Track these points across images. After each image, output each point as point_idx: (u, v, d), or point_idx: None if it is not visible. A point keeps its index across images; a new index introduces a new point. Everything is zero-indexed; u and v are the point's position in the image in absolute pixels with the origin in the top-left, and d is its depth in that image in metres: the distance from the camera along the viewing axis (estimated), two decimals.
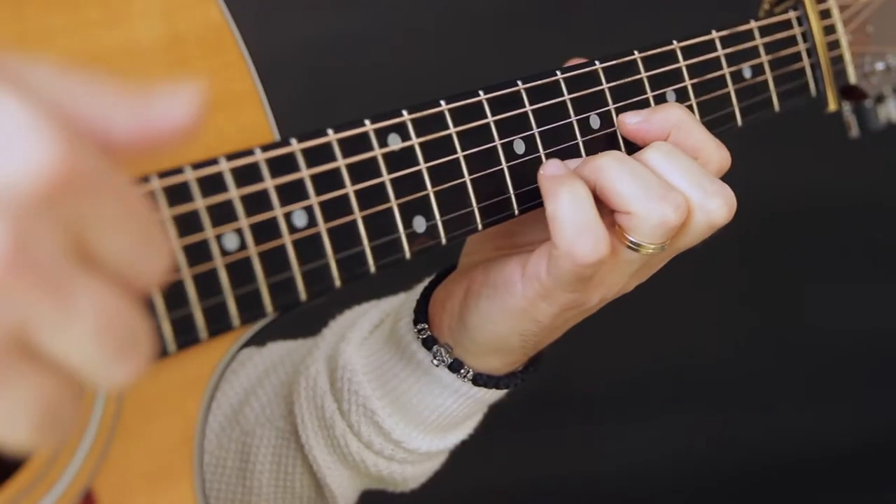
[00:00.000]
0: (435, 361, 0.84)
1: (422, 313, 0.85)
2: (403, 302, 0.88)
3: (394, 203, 0.71)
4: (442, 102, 0.74)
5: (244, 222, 0.65)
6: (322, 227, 0.68)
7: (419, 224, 0.72)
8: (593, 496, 2.10)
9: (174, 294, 0.62)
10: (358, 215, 0.69)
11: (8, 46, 0.62)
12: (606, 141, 0.80)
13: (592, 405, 2.09)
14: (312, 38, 1.88)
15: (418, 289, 0.88)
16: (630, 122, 0.80)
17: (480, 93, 0.76)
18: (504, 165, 0.76)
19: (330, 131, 0.69)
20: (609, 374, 2.06)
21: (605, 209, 0.76)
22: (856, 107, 0.98)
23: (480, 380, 0.84)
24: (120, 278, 0.48)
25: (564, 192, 0.74)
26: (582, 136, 0.79)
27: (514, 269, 0.79)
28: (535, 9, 2.01)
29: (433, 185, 0.73)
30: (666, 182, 0.76)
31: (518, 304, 0.79)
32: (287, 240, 0.66)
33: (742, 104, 0.88)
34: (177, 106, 0.49)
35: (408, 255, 0.71)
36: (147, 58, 0.66)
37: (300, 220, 0.67)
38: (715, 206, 0.77)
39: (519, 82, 0.77)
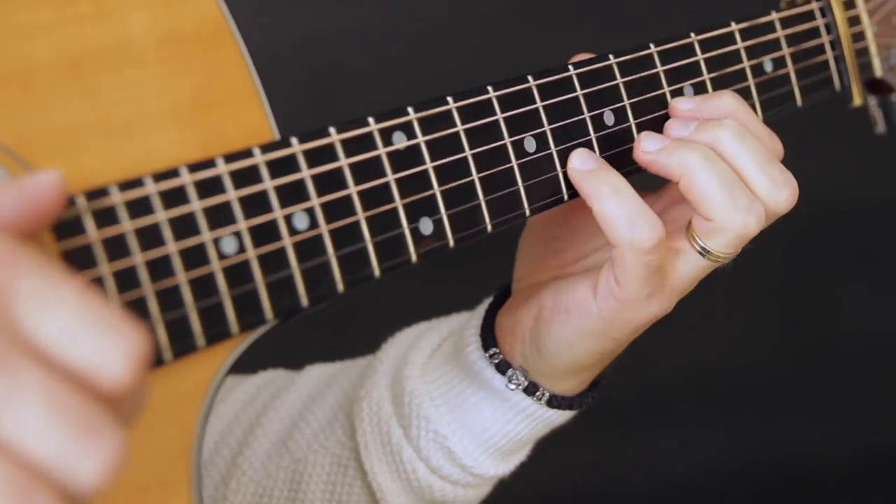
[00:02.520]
0: (511, 385, 0.85)
1: (489, 338, 0.86)
2: (464, 325, 0.89)
3: (399, 204, 0.71)
4: (449, 99, 0.74)
5: (243, 225, 0.65)
6: (324, 229, 0.68)
7: (425, 225, 0.72)
8: None
9: (170, 299, 0.62)
10: (361, 217, 0.69)
11: None
12: (621, 138, 0.80)
13: (611, 413, 2.08)
14: (314, 32, 1.88)
15: (476, 312, 0.89)
16: (683, 108, 0.82)
17: (489, 89, 0.75)
18: (514, 164, 0.76)
19: (332, 130, 0.69)
20: (627, 382, 2.06)
21: (678, 205, 0.80)
22: (882, 101, 0.98)
23: (555, 402, 0.86)
24: (63, 363, 0.48)
25: (605, 188, 0.76)
26: (595, 132, 0.79)
27: (586, 291, 0.80)
28: (547, 1, 2.01)
29: (440, 185, 0.72)
30: (750, 189, 0.77)
31: (595, 324, 0.80)
32: (287, 243, 0.66)
33: (763, 98, 0.88)
34: (44, 178, 0.53)
35: (413, 257, 0.71)
36: (141, 54, 0.66)
37: (301, 222, 0.67)
38: (783, 198, 0.79)
39: (529, 78, 0.77)
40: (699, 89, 0.84)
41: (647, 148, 0.79)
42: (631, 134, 0.81)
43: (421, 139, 0.72)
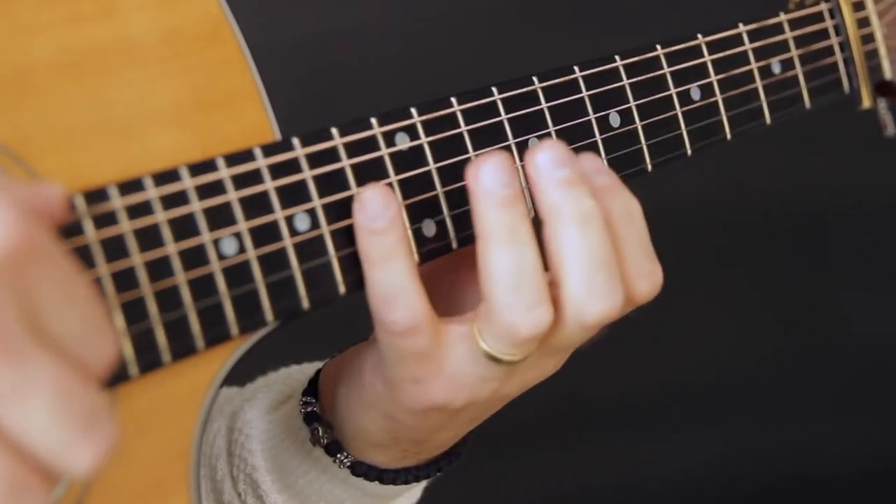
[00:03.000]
0: (312, 439, 0.78)
1: (312, 387, 0.80)
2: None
3: (402, 205, 0.70)
4: (453, 100, 0.73)
5: (243, 225, 0.64)
6: (325, 230, 0.67)
7: (428, 227, 0.72)
8: None
9: (169, 300, 0.62)
10: None
11: None
12: (627, 140, 0.80)
13: (606, 417, 2.08)
14: (316, 31, 1.87)
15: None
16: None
17: (494, 90, 0.75)
18: (518, 165, 0.76)
19: (334, 130, 0.69)
20: (622, 384, 2.06)
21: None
22: (891, 104, 0.97)
23: (360, 469, 0.77)
24: (72, 356, 0.50)
25: (376, 253, 0.66)
26: (601, 134, 0.79)
27: (368, 356, 0.73)
28: (548, 1, 2.01)
29: (443, 187, 0.72)
30: (544, 288, 0.66)
31: (367, 396, 0.73)
32: (288, 244, 0.66)
33: (770, 100, 0.88)
34: (53, 188, 0.54)
35: (416, 258, 0.71)
36: (142, 53, 0.66)
37: (302, 223, 0.67)
38: (592, 311, 0.67)
39: (534, 79, 0.77)
40: (706, 91, 0.84)
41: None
42: (637, 136, 0.80)
43: (424, 140, 0.72)
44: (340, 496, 0.80)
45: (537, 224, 0.69)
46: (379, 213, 0.66)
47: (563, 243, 0.67)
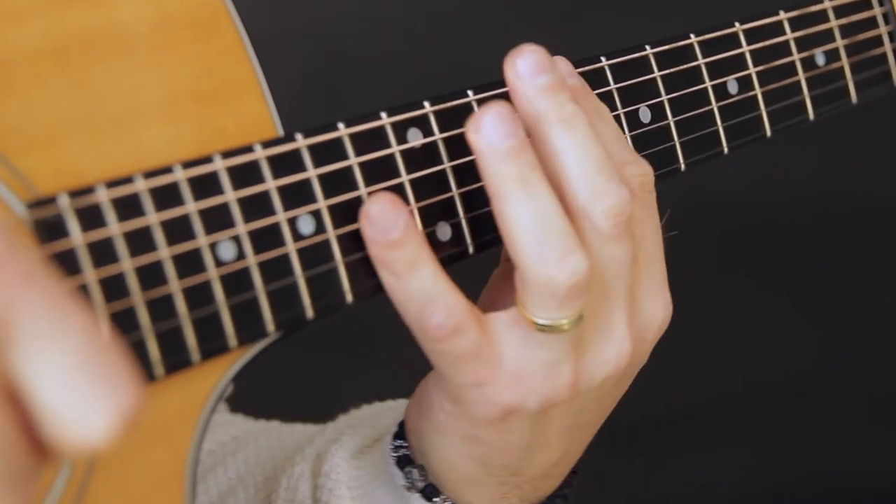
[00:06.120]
0: (406, 484, 0.77)
1: (402, 429, 0.79)
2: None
3: (414, 207, 0.70)
4: (469, 93, 0.73)
5: (242, 228, 0.64)
6: (331, 234, 0.67)
7: (443, 230, 0.71)
8: None
9: (162, 309, 0.61)
10: None
11: None
12: (659, 137, 0.80)
13: (631, 435, 2.09)
14: (321, 18, 1.88)
15: None
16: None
17: None
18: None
19: (340, 125, 0.69)
20: (649, 401, 2.06)
21: None
22: None
23: None
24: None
25: (398, 261, 0.67)
26: (630, 130, 0.79)
27: (431, 378, 0.73)
28: None
29: (458, 187, 0.72)
30: (572, 234, 0.67)
31: (440, 420, 0.73)
32: (291, 248, 0.66)
33: (814, 94, 0.88)
34: None
35: None
36: (132, 42, 0.66)
37: (306, 226, 0.67)
38: (604, 207, 0.69)
39: None
40: (744, 83, 0.84)
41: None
42: (669, 132, 0.80)
43: (438, 136, 0.72)
44: None
45: None
46: (391, 222, 0.67)
47: (555, 150, 0.70)
